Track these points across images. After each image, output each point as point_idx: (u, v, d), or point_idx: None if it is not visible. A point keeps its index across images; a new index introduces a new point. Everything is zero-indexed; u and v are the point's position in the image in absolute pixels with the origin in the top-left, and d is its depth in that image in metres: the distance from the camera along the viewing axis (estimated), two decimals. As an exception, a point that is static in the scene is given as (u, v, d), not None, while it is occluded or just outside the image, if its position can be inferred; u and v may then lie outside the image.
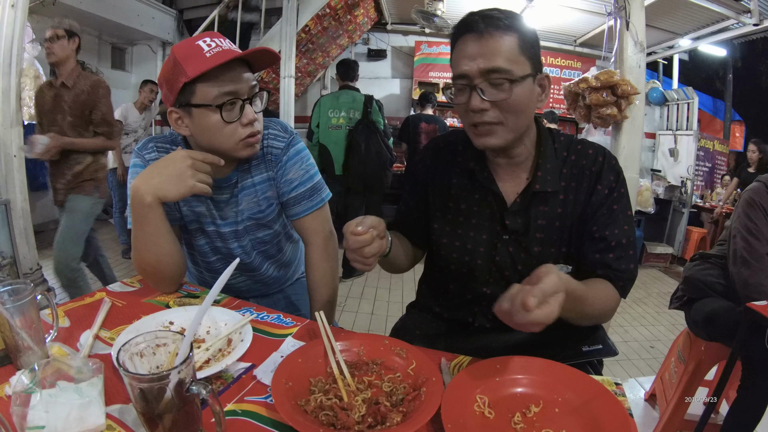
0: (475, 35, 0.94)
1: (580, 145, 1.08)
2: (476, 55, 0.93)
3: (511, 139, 0.99)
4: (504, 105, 0.94)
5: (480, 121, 0.97)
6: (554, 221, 1.05)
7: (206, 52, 1.05)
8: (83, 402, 0.68)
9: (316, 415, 0.71)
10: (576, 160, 1.06)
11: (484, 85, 0.94)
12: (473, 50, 0.94)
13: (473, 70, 0.93)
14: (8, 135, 2.70)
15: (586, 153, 1.06)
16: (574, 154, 1.07)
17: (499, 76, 0.92)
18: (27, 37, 2.76)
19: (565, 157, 1.06)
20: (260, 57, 1.13)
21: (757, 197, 1.77)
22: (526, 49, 0.94)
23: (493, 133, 0.98)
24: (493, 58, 0.92)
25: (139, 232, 1.11)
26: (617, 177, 1.04)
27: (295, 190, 1.28)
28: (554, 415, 0.74)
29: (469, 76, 0.95)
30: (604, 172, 1.03)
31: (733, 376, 1.58)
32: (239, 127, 1.11)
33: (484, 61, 0.92)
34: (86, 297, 1.14)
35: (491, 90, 0.94)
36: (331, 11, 5.25)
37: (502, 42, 0.92)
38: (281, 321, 1.07)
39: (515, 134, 0.99)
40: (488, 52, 0.92)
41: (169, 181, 1.05)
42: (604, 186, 1.03)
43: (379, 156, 3.88)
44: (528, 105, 0.97)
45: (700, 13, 4.86)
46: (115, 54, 6.61)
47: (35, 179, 5.01)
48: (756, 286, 1.69)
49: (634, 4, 2.78)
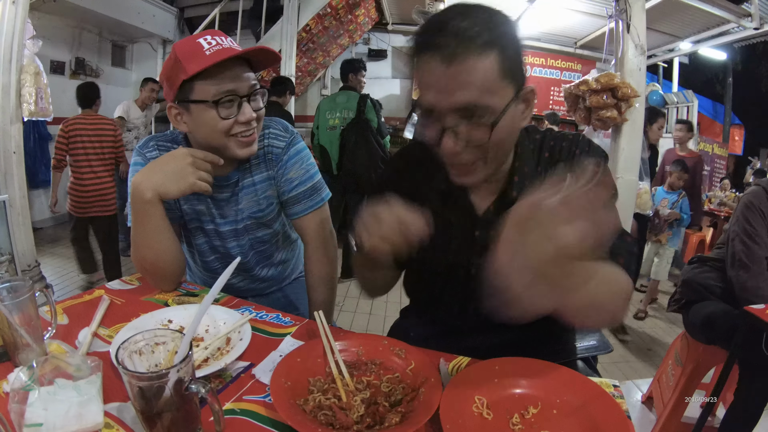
0: (443, 60, 0.74)
1: (553, 141, 0.97)
2: (445, 88, 0.76)
3: (492, 170, 0.88)
4: (484, 145, 0.80)
5: (456, 161, 0.84)
6: None
7: (206, 50, 1.05)
8: (82, 399, 0.68)
9: (314, 415, 0.71)
10: (550, 157, 0.97)
11: (457, 124, 0.78)
12: (442, 80, 0.75)
13: (443, 105, 0.77)
14: (8, 131, 2.70)
15: (559, 147, 0.96)
16: (547, 150, 0.97)
17: (476, 113, 0.76)
18: (27, 34, 2.75)
19: (539, 155, 0.97)
20: (260, 56, 1.13)
21: (756, 201, 1.78)
22: (508, 70, 0.77)
23: (471, 171, 0.86)
24: (467, 93, 0.75)
25: (138, 229, 1.11)
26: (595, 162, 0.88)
27: (296, 190, 1.28)
28: (552, 416, 0.74)
29: (437, 110, 0.79)
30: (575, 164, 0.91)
31: (730, 379, 1.59)
32: (236, 125, 1.11)
33: (456, 96, 0.75)
34: (85, 294, 1.13)
35: (467, 130, 0.78)
36: (332, 11, 5.26)
37: (477, 69, 0.74)
38: (280, 320, 1.07)
39: (497, 165, 0.89)
40: (461, 85, 0.74)
41: (170, 178, 1.05)
42: None
43: (370, 154, 3.87)
44: (512, 133, 0.85)
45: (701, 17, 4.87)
46: (116, 51, 6.60)
47: (34, 176, 5.03)
48: (754, 290, 1.70)
49: (635, 7, 2.79)
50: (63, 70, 5.66)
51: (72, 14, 5.34)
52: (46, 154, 5.39)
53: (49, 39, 4.88)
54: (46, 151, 5.38)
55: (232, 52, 1.06)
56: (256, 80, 1.14)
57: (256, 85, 1.13)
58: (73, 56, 5.78)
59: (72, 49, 5.77)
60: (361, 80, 4.14)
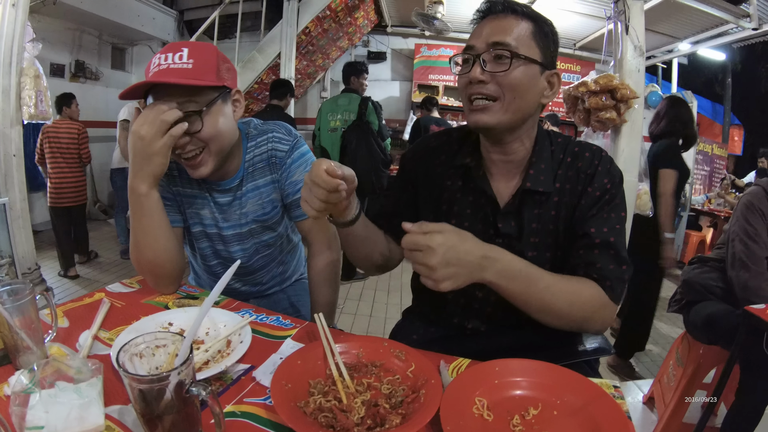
0: (492, 16, 0.95)
1: (577, 147, 1.04)
2: (488, 31, 0.93)
3: (505, 121, 0.95)
4: (503, 80, 0.92)
5: (477, 93, 0.94)
6: (548, 224, 1.01)
7: (150, 72, 1.04)
8: (82, 402, 0.68)
9: (315, 417, 0.71)
10: (572, 162, 1.02)
11: (487, 58, 0.92)
12: (487, 28, 0.94)
13: (480, 43, 0.93)
14: (8, 134, 2.70)
15: (582, 155, 1.02)
16: (570, 156, 1.03)
17: (503, 50, 0.91)
18: (27, 36, 2.75)
19: (561, 159, 1.03)
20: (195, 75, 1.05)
21: (756, 201, 1.78)
22: (539, 39, 0.94)
23: (487, 109, 0.94)
24: (501, 34, 0.92)
25: (137, 226, 1.12)
26: (612, 180, 1.00)
27: (300, 192, 1.27)
28: (553, 417, 0.74)
29: (475, 47, 0.94)
30: (598, 176, 0.99)
31: (731, 380, 1.59)
32: (176, 147, 1.08)
33: (493, 36, 0.92)
34: (85, 297, 1.14)
35: (493, 64, 0.92)
36: (331, 13, 5.26)
37: (515, 23, 0.93)
38: (280, 323, 1.07)
39: (510, 116, 0.95)
40: (499, 29, 0.92)
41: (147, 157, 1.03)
42: (595, 188, 0.99)
43: (371, 156, 3.87)
44: (529, 89, 0.94)
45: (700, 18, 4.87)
46: (116, 54, 6.62)
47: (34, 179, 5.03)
48: (755, 290, 1.70)
49: (633, 8, 2.79)
50: (63, 72, 5.67)
51: (72, 17, 5.36)
52: (47, 157, 5.39)
53: (49, 42, 4.89)
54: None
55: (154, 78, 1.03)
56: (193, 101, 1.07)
57: (183, 107, 1.05)
58: (73, 59, 5.80)
59: (72, 51, 5.78)
60: (363, 83, 4.15)
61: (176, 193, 1.27)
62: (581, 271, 0.97)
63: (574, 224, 1.00)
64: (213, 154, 1.13)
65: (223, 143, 1.14)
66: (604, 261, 0.96)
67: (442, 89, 6.98)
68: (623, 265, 0.97)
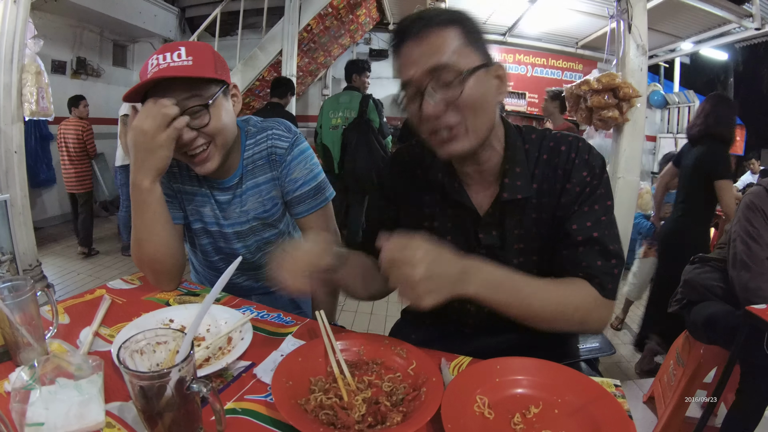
0: (413, 39, 0.85)
1: (552, 142, 0.98)
2: (417, 58, 0.85)
3: (475, 142, 0.89)
4: (459, 104, 0.85)
5: (438, 127, 0.88)
6: (531, 229, 0.97)
7: (149, 72, 1.04)
8: (83, 399, 0.68)
9: (316, 414, 0.71)
10: (548, 160, 0.96)
11: (432, 87, 0.84)
12: (415, 53, 0.85)
13: (417, 73, 0.85)
14: (9, 131, 2.70)
15: (558, 150, 0.96)
16: (546, 153, 0.97)
17: (446, 72, 0.83)
18: (29, 33, 2.75)
19: (537, 157, 0.97)
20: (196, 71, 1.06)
21: (758, 201, 1.77)
22: (472, 41, 0.86)
23: (454, 138, 0.88)
24: (434, 56, 0.83)
25: (138, 222, 1.12)
26: (592, 172, 0.94)
27: (300, 189, 1.28)
28: (554, 416, 0.74)
29: (413, 81, 0.86)
30: (575, 170, 0.94)
31: (731, 380, 1.59)
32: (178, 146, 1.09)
33: (426, 61, 0.84)
34: (86, 294, 1.14)
35: (441, 90, 0.84)
36: (333, 11, 5.26)
37: (442, 37, 0.84)
38: (281, 320, 1.07)
39: (479, 135, 0.90)
40: (429, 51, 0.84)
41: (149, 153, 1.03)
42: (574, 184, 0.93)
43: (371, 154, 3.88)
44: (486, 99, 0.88)
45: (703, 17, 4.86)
46: (117, 51, 6.61)
47: (36, 176, 5.04)
48: (756, 290, 1.69)
49: (636, 8, 2.79)
50: (64, 69, 5.67)
51: (73, 14, 5.36)
52: (47, 153, 5.41)
53: (50, 38, 4.89)
54: (47, 150, 5.40)
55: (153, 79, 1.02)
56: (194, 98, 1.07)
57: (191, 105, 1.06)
58: (74, 56, 5.79)
59: (73, 48, 5.78)
60: (366, 81, 4.14)
61: (177, 190, 1.27)
62: (569, 271, 0.93)
63: (557, 223, 0.96)
64: (219, 148, 1.14)
65: (227, 137, 1.15)
66: (589, 258, 0.92)
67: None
68: (612, 258, 0.92)
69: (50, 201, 5.71)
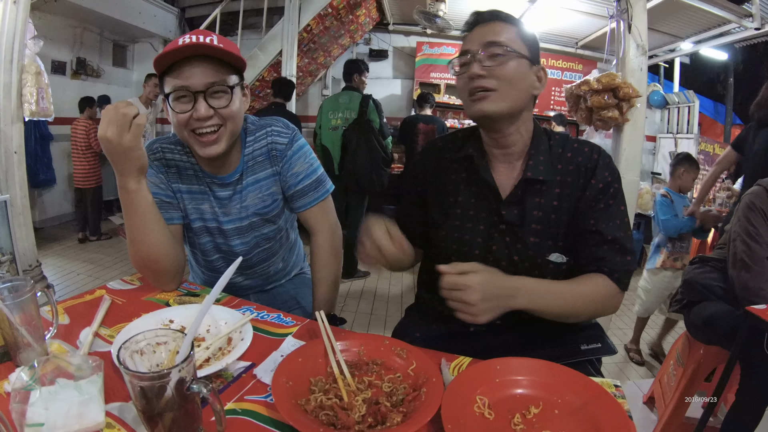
0: (481, 24, 1.06)
1: (576, 144, 1.11)
2: (480, 35, 1.03)
3: (504, 108, 1.02)
4: (498, 72, 1.00)
5: (476, 87, 1.02)
6: (550, 214, 1.07)
7: (178, 47, 1.07)
8: (83, 399, 0.68)
9: (316, 415, 0.71)
10: (571, 157, 1.08)
11: (483, 56, 1.01)
12: (478, 33, 1.04)
13: (475, 45, 1.03)
14: (9, 131, 2.70)
15: (581, 150, 1.09)
16: (569, 151, 1.09)
17: (497, 48, 1.01)
18: (29, 34, 2.75)
19: (560, 153, 1.09)
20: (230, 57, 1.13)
21: (758, 201, 1.77)
22: (525, 40, 1.04)
23: (487, 98, 1.02)
24: (493, 35, 1.02)
25: (130, 223, 1.12)
26: (612, 174, 1.07)
27: (301, 183, 1.32)
28: (554, 416, 0.74)
29: (471, 50, 1.03)
30: (599, 169, 1.06)
31: (731, 380, 1.59)
32: (192, 121, 1.12)
33: (485, 38, 1.02)
34: (86, 294, 1.14)
35: (489, 60, 1.01)
36: (333, 11, 5.25)
37: (503, 27, 1.03)
38: (281, 320, 1.07)
39: (508, 104, 1.03)
40: (490, 32, 1.03)
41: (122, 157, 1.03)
42: (598, 181, 1.05)
43: (371, 155, 3.87)
44: (521, 80, 1.03)
45: (702, 17, 4.86)
46: (117, 51, 6.61)
47: (35, 176, 5.04)
48: (756, 290, 1.69)
49: (636, 7, 2.78)
50: (64, 70, 5.67)
51: (73, 14, 5.35)
52: (47, 153, 5.40)
53: (50, 39, 4.89)
54: (47, 150, 5.39)
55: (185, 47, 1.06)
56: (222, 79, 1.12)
57: (217, 83, 1.11)
58: (74, 56, 5.78)
59: (73, 49, 5.77)
60: (364, 81, 4.14)
61: (175, 190, 1.27)
62: (592, 266, 1.05)
63: (579, 216, 1.06)
64: (228, 133, 1.17)
65: (237, 125, 1.19)
66: (611, 255, 1.04)
67: (444, 87, 6.96)
68: (627, 256, 1.05)
69: (50, 201, 5.70)
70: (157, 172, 1.24)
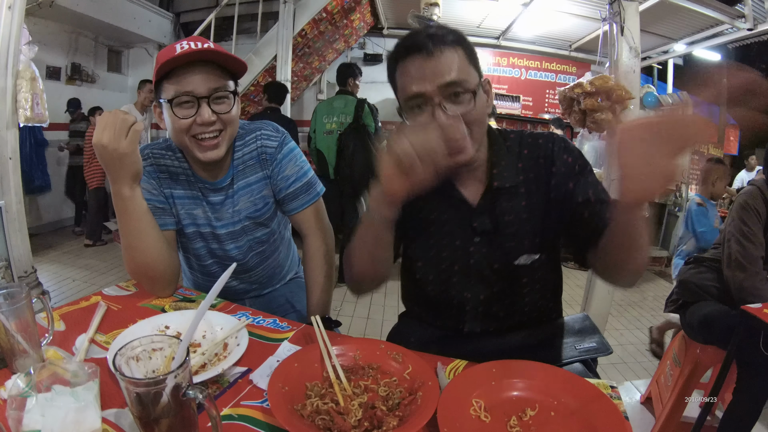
0: (424, 54, 0.93)
1: (530, 139, 1.10)
2: (430, 74, 0.93)
3: (475, 151, 1.00)
4: (469, 119, 0.95)
5: (457, 144, 0.94)
6: (521, 214, 1.06)
7: (177, 53, 1.07)
8: (79, 406, 0.67)
9: (312, 420, 0.71)
10: (529, 153, 1.08)
11: (445, 101, 0.93)
12: (426, 69, 0.93)
13: (431, 88, 0.93)
14: (4, 137, 2.69)
15: (536, 144, 1.08)
16: (526, 148, 1.08)
17: (459, 89, 0.94)
18: (24, 39, 2.74)
19: (519, 152, 1.08)
20: (230, 62, 1.15)
21: (752, 201, 1.79)
22: (472, 60, 0.98)
23: (463, 149, 0.96)
24: (449, 73, 0.93)
25: (125, 229, 1.13)
26: (572, 154, 1.06)
27: (292, 186, 1.31)
28: (550, 418, 0.74)
29: (426, 94, 0.94)
30: (556, 156, 1.05)
31: (728, 379, 1.59)
32: (195, 126, 1.13)
33: (440, 78, 0.92)
34: (82, 301, 1.13)
35: (453, 106, 0.94)
36: (327, 15, 5.26)
37: (451, 56, 0.94)
38: (277, 325, 1.07)
39: (478, 143, 1.01)
40: (443, 69, 0.93)
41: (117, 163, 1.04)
42: (559, 166, 1.04)
43: (368, 159, 3.87)
44: (484, 112, 1.00)
45: (695, 18, 4.89)
46: (112, 57, 6.60)
47: (30, 182, 5.02)
48: (751, 289, 1.70)
49: (629, 10, 2.80)
50: (59, 75, 5.66)
51: (68, 19, 5.34)
52: (42, 159, 5.39)
53: (45, 44, 4.89)
54: (42, 156, 5.38)
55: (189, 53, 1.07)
56: (224, 84, 1.15)
57: (219, 89, 1.13)
58: (69, 61, 5.77)
59: (68, 54, 5.76)
60: (358, 85, 4.15)
61: (168, 196, 1.27)
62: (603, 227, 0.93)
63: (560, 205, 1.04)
64: (227, 138, 1.19)
65: (235, 130, 1.22)
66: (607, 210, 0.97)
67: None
68: None
69: (45, 207, 5.68)
70: (150, 178, 1.24)
